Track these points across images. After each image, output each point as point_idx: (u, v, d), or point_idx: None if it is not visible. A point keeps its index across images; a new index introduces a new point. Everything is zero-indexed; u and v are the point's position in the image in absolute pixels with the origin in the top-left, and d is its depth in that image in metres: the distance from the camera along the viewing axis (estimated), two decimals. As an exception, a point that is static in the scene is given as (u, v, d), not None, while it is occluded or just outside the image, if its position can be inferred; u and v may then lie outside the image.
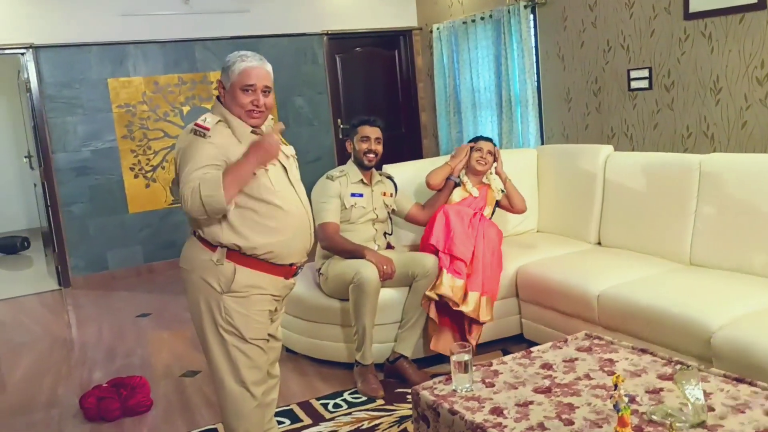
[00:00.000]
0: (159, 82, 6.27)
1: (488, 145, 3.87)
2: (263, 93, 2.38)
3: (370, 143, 3.62)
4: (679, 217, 3.48)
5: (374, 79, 7.42)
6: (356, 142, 3.65)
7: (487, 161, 3.85)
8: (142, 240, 6.33)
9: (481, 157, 3.83)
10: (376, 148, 3.64)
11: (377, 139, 3.64)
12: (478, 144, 3.87)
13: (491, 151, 3.86)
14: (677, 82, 4.63)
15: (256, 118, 2.38)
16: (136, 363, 4.08)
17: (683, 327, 2.79)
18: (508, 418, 2.02)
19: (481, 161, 3.84)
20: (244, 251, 2.34)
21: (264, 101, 2.38)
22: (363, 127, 3.65)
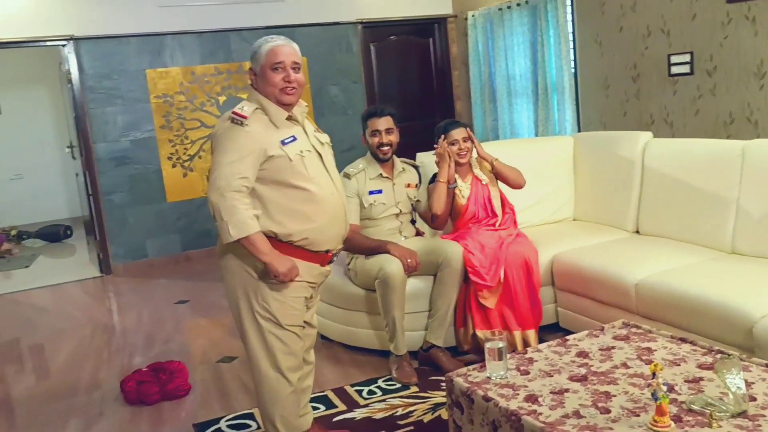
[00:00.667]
0: (196, 72, 6.34)
1: (461, 133, 3.58)
2: (293, 69, 2.39)
3: (381, 136, 3.50)
4: (720, 204, 3.40)
5: (409, 67, 7.39)
6: (368, 137, 3.54)
7: (466, 149, 3.58)
8: (180, 229, 6.43)
9: (459, 149, 3.56)
10: (389, 139, 3.51)
11: (388, 130, 3.51)
12: (450, 135, 3.55)
13: (466, 137, 3.58)
14: (719, 67, 4.51)
15: (291, 95, 2.40)
16: (175, 349, 4.15)
17: (724, 316, 2.72)
18: (543, 406, 2.00)
19: (461, 153, 3.57)
20: (280, 238, 2.37)
21: (295, 77, 2.39)
22: (371, 120, 3.52)
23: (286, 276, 2.34)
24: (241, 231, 2.27)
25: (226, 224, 2.27)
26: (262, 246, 2.30)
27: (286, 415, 2.53)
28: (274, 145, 2.35)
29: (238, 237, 2.27)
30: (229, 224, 2.27)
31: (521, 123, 6.42)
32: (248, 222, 2.28)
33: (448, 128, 3.60)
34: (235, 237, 2.27)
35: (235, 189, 2.28)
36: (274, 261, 2.31)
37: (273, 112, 2.39)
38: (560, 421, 1.90)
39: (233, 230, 2.27)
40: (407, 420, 2.92)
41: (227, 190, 2.27)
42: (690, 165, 3.61)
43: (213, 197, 2.29)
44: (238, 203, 2.28)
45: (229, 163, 2.30)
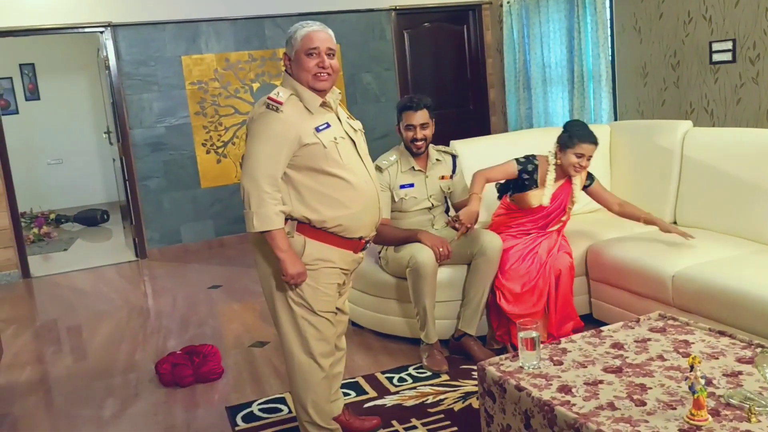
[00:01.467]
0: (230, 59, 6.38)
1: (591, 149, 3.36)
2: (328, 55, 2.39)
3: (416, 131, 3.43)
4: (762, 195, 3.31)
5: (442, 55, 7.34)
6: (402, 131, 3.49)
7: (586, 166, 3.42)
8: (214, 214, 6.50)
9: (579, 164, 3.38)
10: (423, 134, 3.44)
11: (423, 125, 3.43)
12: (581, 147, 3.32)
13: (591, 157, 3.39)
14: (763, 55, 4.39)
15: (324, 81, 2.39)
16: (208, 332, 4.21)
17: (765, 310, 2.66)
18: (577, 397, 1.98)
19: (578, 167, 3.40)
20: (314, 224, 2.38)
21: (329, 63, 2.38)
22: (407, 113, 3.45)
23: (293, 279, 2.36)
24: (264, 224, 2.30)
25: (252, 214, 2.30)
26: (281, 243, 2.32)
27: (317, 400, 2.54)
28: (309, 131, 2.35)
29: (260, 229, 2.31)
30: (255, 215, 2.30)
31: (556, 111, 6.34)
32: (273, 217, 2.31)
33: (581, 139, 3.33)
34: (257, 229, 2.31)
35: (268, 180, 2.30)
36: (288, 261, 2.33)
37: (307, 98, 2.39)
38: (594, 412, 1.88)
39: (257, 221, 2.30)
40: (438, 408, 2.92)
41: (261, 181, 2.30)
42: (731, 155, 3.52)
43: (246, 184, 2.32)
44: (268, 197, 2.30)
45: (264, 152, 2.31)
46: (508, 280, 3.39)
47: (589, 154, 3.35)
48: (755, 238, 3.33)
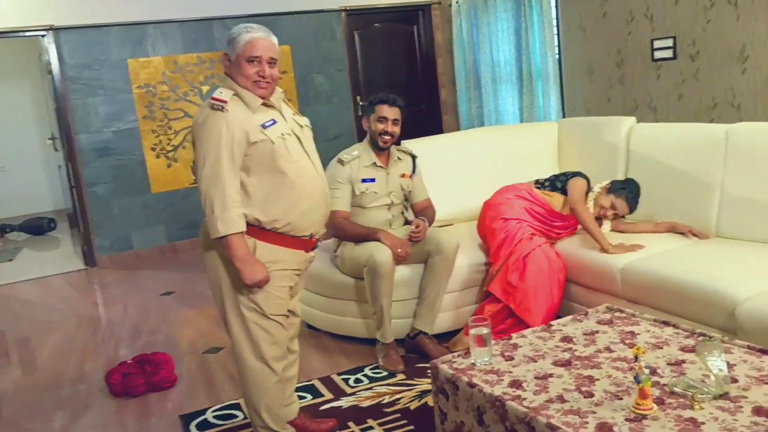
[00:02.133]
0: (178, 62, 6.28)
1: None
2: (269, 64, 2.37)
3: (387, 124, 3.47)
4: (705, 188, 3.41)
5: (393, 55, 7.36)
6: (372, 122, 3.50)
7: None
8: (165, 219, 6.39)
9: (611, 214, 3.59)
10: (393, 129, 3.48)
11: (395, 121, 3.48)
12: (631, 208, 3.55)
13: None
14: (702, 52, 4.52)
15: (263, 89, 2.38)
16: (161, 340, 4.14)
17: (708, 299, 2.74)
18: (528, 391, 2.01)
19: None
20: (264, 225, 2.36)
21: (270, 72, 2.37)
22: (381, 106, 3.49)
23: (252, 287, 2.34)
24: (228, 228, 2.26)
25: (216, 219, 2.26)
26: (239, 251, 2.29)
27: (271, 404, 2.52)
28: (255, 129, 2.33)
29: (225, 233, 2.26)
30: (220, 220, 2.26)
31: (506, 110, 6.42)
32: (237, 220, 2.28)
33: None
34: (222, 233, 2.26)
35: (231, 183, 2.27)
36: (246, 269, 2.30)
37: (248, 99, 2.37)
38: (544, 405, 1.91)
39: (222, 225, 2.26)
40: (394, 407, 2.92)
41: (225, 184, 2.26)
42: (674, 149, 3.62)
43: (208, 189, 2.28)
44: (230, 199, 2.27)
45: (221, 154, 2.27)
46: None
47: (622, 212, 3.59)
48: (698, 229, 3.42)
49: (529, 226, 3.53)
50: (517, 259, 3.40)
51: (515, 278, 3.37)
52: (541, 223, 3.61)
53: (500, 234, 3.51)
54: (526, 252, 3.40)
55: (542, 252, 3.43)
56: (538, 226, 3.58)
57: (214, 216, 2.27)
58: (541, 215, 3.62)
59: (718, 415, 1.75)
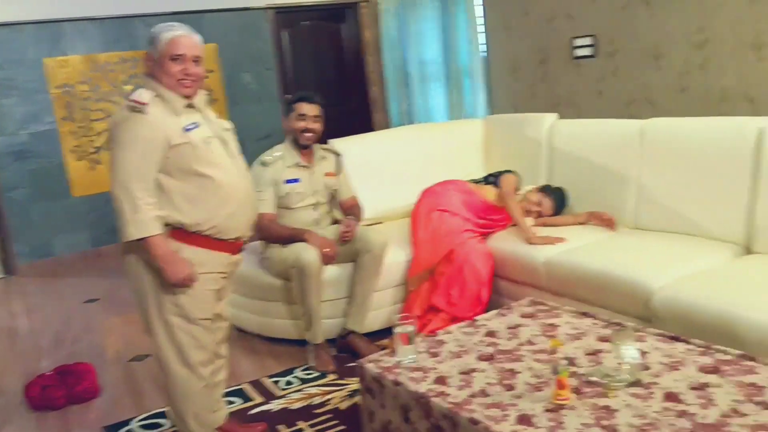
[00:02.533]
0: (98, 61, 6.06)
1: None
2: (193, 63, 2.33)
3: (307, 121, 3.45)
4: (622, 181, 3.53)
5: (322, 53, 7.32)
6: (293, 120, 3.48)
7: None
8: (90, 224, 6.17)
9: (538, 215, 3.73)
10: (314, 126, 3.47)
11: (315, 117, 3.47)
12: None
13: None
14: (620, 50, 4.68)
15: (188, 87, 2.34)
16: (84, 349, 3.99)
17: (625, 289, 2.84)
18: (452, 387, 2.03)
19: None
20: (187, 228, 2.31)
21: (194, 71, 2.33)
22: (300, 104, 3.47)
23: (178, 286, 2.29)
24: (140, 231, 2.22)
25: (127, 222, 2.22)
26: (159, 250, 2.25)
27: (198, 411, 2.48)
28: (177, 132, 2.28)
29: (136, 237, 2.22)
30: (130, 223, 2.21)
31: (435, 107, 6.49)
32: (150, 223, 2.23)
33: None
34: (133, 236, 2.22)
35: (140, 186, 2.22)
36: (169, 268, 2.25)
37: (171, 100, 2.32)
38: (467, 400, 1.93)
39: (133, 229, 2.21)
40: (324, 408, 2.91)
41: (133, 186, 2.21)
42: (594, 145, 3.73)
43: (117, 192, 2.23)
44: (142, 202, 2.22)
45: (134, 157, 2.23)
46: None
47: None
48: (618, 221, 3.53)
49: (464, 220, 3.60)
50: (454, 270, 3.45)
51: (456, 293, 3.44)
52: (479, 216, 3.68)
53: (434, 224, 3.59)
54: (461, 256, 3.45)
55: (475, 253, 3.48)
56: (474, 219, 3.65)
57: (124, 219, 2.22)
58: (478, 208, 3.70)
59: (630, 402, 1.81)
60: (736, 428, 1.64)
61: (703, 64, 4.15)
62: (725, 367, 1.95)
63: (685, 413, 1.73)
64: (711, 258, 2.91)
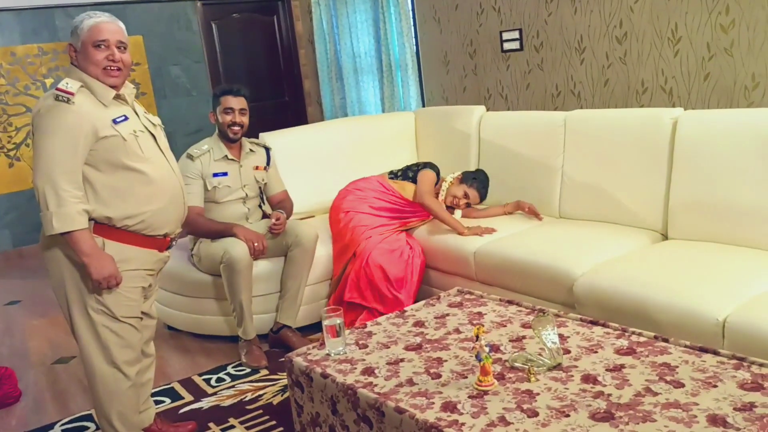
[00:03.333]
0: (16, 53, 5.81)
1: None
2: (118, 49, 2.26)
3: (234, 115, 3.41)
4: (548, 172, 3.62)
5: (254, 46, 7.22)
6: (220, 114, 3.43)
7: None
8: (9, 223, 5.92)
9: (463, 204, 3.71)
10: (241, 119, 3.43)
11: (242, 111, 3.43)
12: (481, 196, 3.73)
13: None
14: (546, 43, 4.79)
15: (115, 77, 2.27)
16: (5, 353, 3.84)
17: (550, 276, 2.92)
18: (379, 377, 2.05)
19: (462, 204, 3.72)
20: (114, 223, 2.25)
21: (120, 57, 2.26)
22: (226, 97, 3.43)
23: (102, 284, 2.22)
24: (65, 225, 2.14)
25: (51, 215, 2.13)
26: (85, 245, 2.17)
27: (123, 411, 2.41)
28: (105, 124, 2.22)
29: (60, 231, 2.14)
30: (55, 216, 2.13)
31: (368, 100, 6.49)
32: (76, 217, 2.15)
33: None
34: (58, 230, 2.14)
35: (66, 178, 2.14)
36: (93, 264, 2.19)
37: (99, 91, 2.25)
38: (394, 390, 1.95)
39: (57, 222, 2.13)
40: (256, 404, 2.89)
41: (58, 178, 2.13)
42: (520, 136, 3.81)
43: (40, 183, 2.15)
44: (67, 195, 2.14)
45: (59, 147, 2.14)
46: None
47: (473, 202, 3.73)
48: (543, 211, 3.62)
49: (374, 217, 3.62)
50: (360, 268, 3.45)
51: (365, 288, 3.45)
52: (394, 212, 3.70)
53: (341, 225, 3.60)
54: (366, 255, 3.46)
55: (377, 250, 3.48)
56: (388, 215, 3.67)
57: (48, 212, 2.14)
58: (393, 204, 3.72)
59: (551, 385, 1.87)
60: (648, 407, 1.71)
61: (624, 57, 4.29)
62: (640, 349, 2.02)
63: (602, 394, 1.79)
64: (630, 244, 3.01)
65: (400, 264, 3.46)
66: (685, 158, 2.97)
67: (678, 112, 3.12)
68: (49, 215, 2.14)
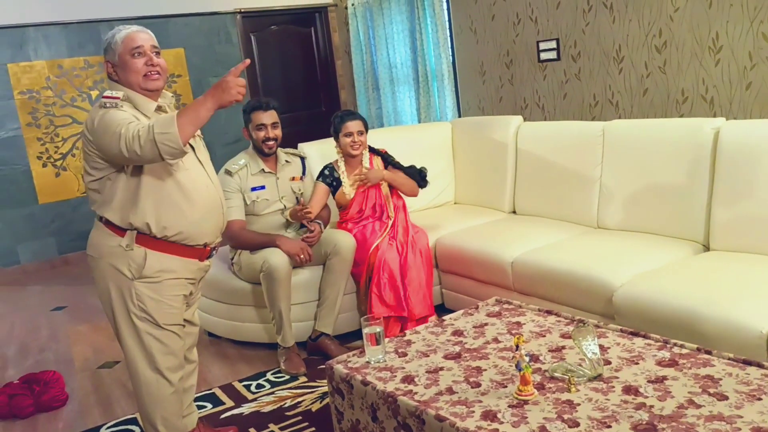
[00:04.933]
0: (63, 66, 6.00)
1: (357, 125, 3.55)
2: (154, 54, 2.33)
3: (267, 130, 3.46)
4: (586, 182, 3.61)
5: (291, 57, 7.33)
6: (252, 131, 3.48)
7: (360, 142, 3.56)
8: (55, 231, 6.10)
9: (353, 142, 3.54)
10: (274, 133, 3.47)
11: (274, 124, 3.47)
12: (346, 127, 3.54)
13: (361, 131, 3.56)
14: (583, 53, 4.77)
15: (156, 80, 2.32)
16: (51, 358, 3.95)
17: (588, 287, 2.90)
18: (419, 385, 2.06)
19: (354, 145, 3.55)
20: (154, 233, 2.30)
21: (158, 61, 2.32)
22: (256, 113, 3.46)
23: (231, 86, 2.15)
24: (170, 124, 2.08)
25: (169, 135, 2.07)
26: (193, 106, 2.12)
27: (168, 416, 2.46)
28: None
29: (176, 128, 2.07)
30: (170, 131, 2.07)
31: (404, 110, 6.53)
32: (169, 119, 2.10)
33: (344, 119, 3.57)
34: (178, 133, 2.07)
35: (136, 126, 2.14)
36: (211, 92, 2.14)
37: (141, 103, 2.32)
38: (434, 398, 1.97)
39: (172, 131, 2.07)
40: (296, 410, 2.92)
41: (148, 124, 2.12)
42: (558, 146, 3.80)
43: (141, 137, 2.09)
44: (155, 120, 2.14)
45: (128, 123, 2.14)
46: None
47: (357, 129, 3.54)
48: (581, 222, 3.62)
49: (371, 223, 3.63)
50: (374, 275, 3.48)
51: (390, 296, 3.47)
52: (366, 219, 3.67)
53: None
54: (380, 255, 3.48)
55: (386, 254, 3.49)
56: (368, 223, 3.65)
57: (163, 135, 2.07)
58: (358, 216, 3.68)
59: (592, 395, 1.86)
60: (692, 419, 1.70)
61: (663, 67, 4.25)
62: (682, 361, 2.01)
63: (644, 405, 1.78)
64: (670, 255, 2.98)
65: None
66: (727, 168, 2.94)
67: (719, 122, 3.08)
68: (162, 136, 2.07)
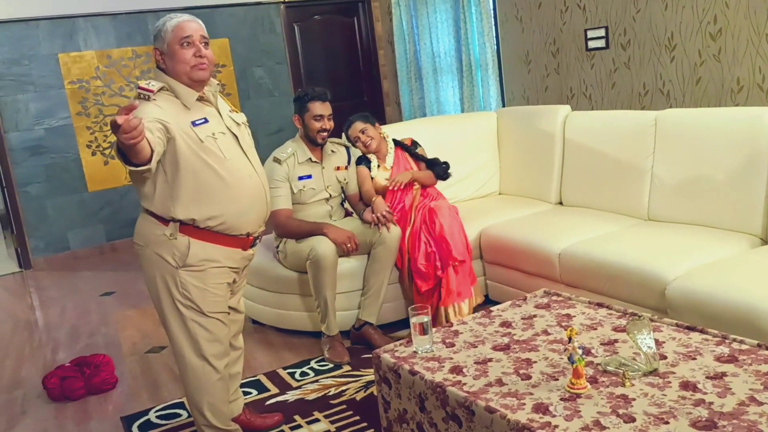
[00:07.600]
0: (112, 56, 6.11)
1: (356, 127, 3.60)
2: (203, 45, 2.33)
3: (324, 122, 3.46)
4: (636, 173, 3.52)
5: (334, 47, 7.33)
6: (308, 121, 3.48)
7: (368, 138, 3.59)
8: (104, 218, 6.23)
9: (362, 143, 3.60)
10: (330, 125, 3.49)
11: (329, 116, 3.48)
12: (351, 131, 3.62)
13: (363, 129, 3.59)
14: (633, 41, 4.65)
15: (204, 70, 2.32)
16: (101, 342, 4.04)
17: (640, 280, 2.84)
18: (468, 376, 2.04)
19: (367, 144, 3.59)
20: (197, 224, 2.31)
21: (206, 52, 2.33)
22: (314, 103, 3.46)
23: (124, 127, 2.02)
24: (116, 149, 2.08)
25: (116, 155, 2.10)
26: None
27: (214, 402, 2.49)
28: (186, 126, 2.27)
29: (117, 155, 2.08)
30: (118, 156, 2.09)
31: (447, 100, 6.48)
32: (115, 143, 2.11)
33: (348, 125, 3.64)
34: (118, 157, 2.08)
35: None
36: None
37: (183, 93, 2.31)
38: (483, 389, 1.94)
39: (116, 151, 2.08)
40: (340, 399, 2.93)
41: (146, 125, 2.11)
42: (607, 136, 3.72)
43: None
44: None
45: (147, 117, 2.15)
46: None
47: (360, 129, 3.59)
48: (631, 213, 3.53)
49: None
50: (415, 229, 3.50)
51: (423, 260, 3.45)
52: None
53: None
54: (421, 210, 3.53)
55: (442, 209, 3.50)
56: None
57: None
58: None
59: (647, 390, 1.81)
60: (753, 416, 1.64)
61: (718, 55, 4.12)
62: (742, 357, 1.94)
63: (703, 402, 1.73)
64: (726, 249, 2.89)
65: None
66: (787, 159, 2.83)
67: (779, 111, 2.97)
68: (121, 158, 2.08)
